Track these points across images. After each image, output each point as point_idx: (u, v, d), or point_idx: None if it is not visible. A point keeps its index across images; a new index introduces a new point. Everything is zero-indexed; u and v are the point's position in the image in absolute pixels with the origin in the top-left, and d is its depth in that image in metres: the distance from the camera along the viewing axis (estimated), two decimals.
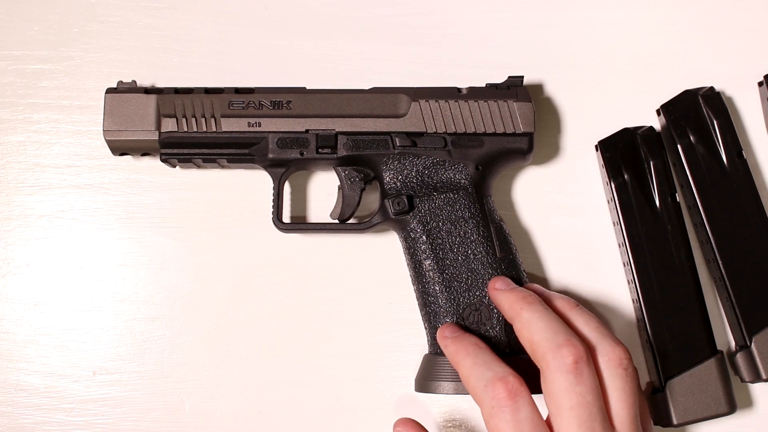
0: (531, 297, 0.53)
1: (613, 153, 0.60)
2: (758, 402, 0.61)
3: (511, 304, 0.53)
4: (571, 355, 0.49)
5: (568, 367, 0.48)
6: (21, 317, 0.63)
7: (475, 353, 0.52)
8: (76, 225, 0.64)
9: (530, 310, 0.52)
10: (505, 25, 0.66)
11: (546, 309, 0.52)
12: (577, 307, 0.54)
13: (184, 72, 0.65)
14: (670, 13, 0.65)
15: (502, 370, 0.50)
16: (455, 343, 0.54)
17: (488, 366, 0.51)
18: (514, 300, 0.53)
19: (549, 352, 0.49)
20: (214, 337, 0.63)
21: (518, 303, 0.53)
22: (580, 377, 0.48)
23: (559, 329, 0.50)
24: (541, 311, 0.52)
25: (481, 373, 0.50)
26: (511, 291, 0.54)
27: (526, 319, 0.52)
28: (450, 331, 0.55)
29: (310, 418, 0.62)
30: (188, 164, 0.62)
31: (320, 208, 0.64)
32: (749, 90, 0.64)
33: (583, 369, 0.49)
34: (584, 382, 0.48)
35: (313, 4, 0.66)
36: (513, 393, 0.49)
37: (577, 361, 0.49)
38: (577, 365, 0.49)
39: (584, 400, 0.48)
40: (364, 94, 0.60)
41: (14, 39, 0.66)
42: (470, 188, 0.59)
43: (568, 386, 0.48)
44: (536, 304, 0.52)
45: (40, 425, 0.63)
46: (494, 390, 0.49)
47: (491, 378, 0.50)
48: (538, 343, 0.50)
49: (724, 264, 0.58)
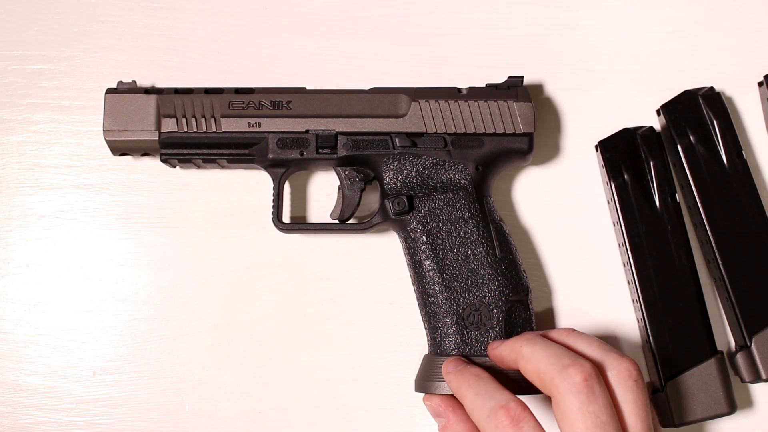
0: (528, 334, 0.53)
1: (613, 153, 0.60)
2: (758, 402, 0.61)
3: (511, 348, 0.52)
4: (579, 374, 0.47)
5: (578, 386, 0.47)
6: (21, 317, 0.63)
7: (477, 383, 0.52)
8: (76, 225, 0.64)
9: (530, 344, 0.51)
10: (505, 25, 0.66)
11: (545, 340, 0.52)
12: (574, 332, 0.54)
13: (184, 72, 0.65)
14: (670, 13, 0.65)
15: (504, 397, 0.49)
16: (457, 377, 0.53)
17: (490, 395, 0.50)
18: (512, 342, 0.53)
19: (556, 376, 0.48)
20: (214, 337, 0.63)
21: (517, 343, 0.52)
22: (592, 396, 0.47)
23: (562, 353, 0.49)
24: (541, 342, 0.51)
25: (483, 402, 0.50)
26: (510, 339, 0.54)
27: (528, 353, 0.51)
28: (453, 365, 0.55)
29: (310, 418, 0.62)
30: (188, 164, 0.62)
31: (320, 208, 0.64)
32: (749, 90, 0.64)
33: (594, 386, 0.47)
34: (597, 401, 0.47)
35: (313, 4, 0.66)
36: (516, 419, 0.48)
37: (586, 378, 0.47)
38: (587, 382, 0.47)
39: (599, 420, 0.47)
40: (364, 94, 0.60)
41: (14, 39, 0.66)
42: (470, 188, 0.59)
43: (581, 407, 0.47)
44: (534, 338, 0.52)
45: (40, 425, 0.63)
46: (497, 418, 0.48)
47: (493, 407, 0.49)
48: (544, 371, 0.49)
49: (724, 264, 0.58)
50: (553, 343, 0.51)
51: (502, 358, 0.54)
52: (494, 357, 0.55)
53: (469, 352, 0.56)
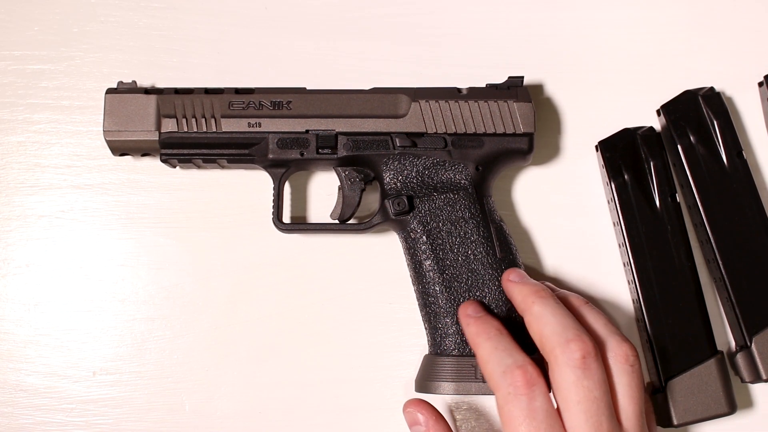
0: (544, 291, 0.53)
1: (613, 153, 0.60)
2: (758, 402, 0.61)
3: (524, 297, 0.53)
4: (579, 350, 0.49)
5: (576, 361, 0.49)
6: (21, 317, 0.63)
7: (497, 338, 0.52)
8: (76, 225, 0.64)
9: (542, 304, 0.52)
10: (505, 25, 0.66)
11: (557, 303, 0.52)
12: (586, 304, 0.55)
13: (184, 72, 0.65)
14: (670, 13, 0.65)
15: (522, 358, 0.50)
16: (477, 324, 0.54)
17: (508, 352, 0.51)
18: (527, 293, 0.53)
19: (557, 347, 0.50)
20: (214, 337, 0.63)
21: (531, 296, 0.53)
22: (587, 372, 0.49)
23: (569, 324, 0.51)
24: (553, 305, 0.52)
25: (500, 358, 0.51)
26: (525, 284, 0.54)
27: (537, 312, 0.52)
28: (473, 309, 0.55)
29: (310, 418, 0.62)
30: (188, 164, 0.62)
31: (320, 208, 0.64)
32: (749, 90, 0.64)
33: (591, 364, 0.49)
34: (592, 377, 0.49)
35: (313, 4, 0.66)
36: (530, 382, 0.49)
37: (585, 356, 0.49)
38: (585, 360, 0.49)
39: (591, 395, 0.48)
40: (364, 94, 0.60)
41: (14, 39, 0.66)
42: (470, 188, 0.59)
43: (575, 380, 0.49)
44: (548, 298, 0.53)
45: (40, 425, 0.63)
46: (512, 377, 0.49)
47: (510, 365, 0.50)
48: (547, 337, 0.50)
49: (724, 264, 0.58)
50: (563, 309, 0.52)
51: (512, 297, 0.55)
52: (505, 288, 0.56)
53: (469, 352, 0.56)
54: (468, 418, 0.62)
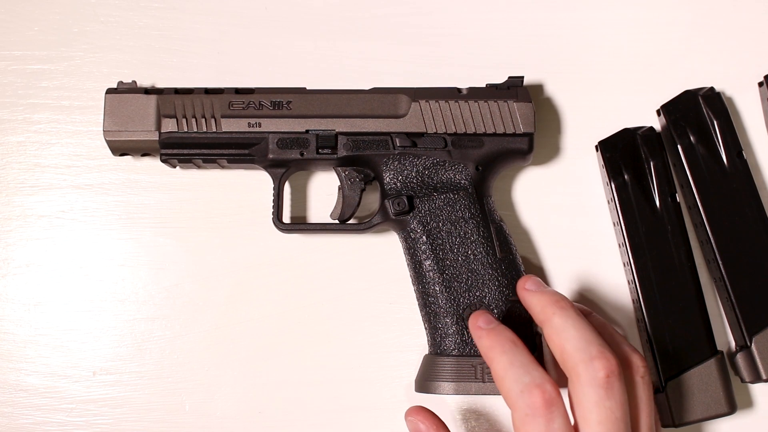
0: (563, 301, 0.51)
1: (613, 153, 0.60)
2: (758, 402, 0.61)
3: (543, 307, 0.51)
4: (603, 369, 0.47)
5: (599, 380, 0.47)
6: (21, 317, 0.63)
7: (513, 351, 0.50)
8: (76, 225, 0.64)
9: (562, 315, 0.50)
10: (505, 25, 0.66)
11: (578, 315, 0.50)
12: (591, 315, 0.54)
13: (184, 72, 0.65)
14: (670, 13, 0.65)
15: (540, 375, 0.48)
16: (491, 337, 0.51)
17: (526, 369, 0.48)
18: (546, 303, 0.51)
19: (581, 363, 0.48)
20: (214, 337, 0.63)
21: (550, 307, 0.50)
22: (610, 392, 0.47)
23: (592, 339, 0.48)
24: (574, 317, 0.50)
25: (518, 375, 0.48)
26: (543, 293, 0.52)
27: (558, 325, 0.49)
28: (484, 320, 0.53)
29: (310, 418, 0.62)
30: (188, 164, 0.62)
31: (320, 208, 0.64)
32: (749, 90, 0.64)
33: (615, 383, 0.47)
34: (614, 397, 0.47)
35: (313, 4, 0.66)
36: (549, 403, 0.47)
37: (609, 375, 0.47)
38: (608, 379, 0.47)
39: (613, 416, 0.47)
40: (364, 94, 0.60)
41: (14, 39, 0.66)
42: (470, 188, 0.59)
43: (598, 400, 0.47)
44: (568, 309, 0.50)
45: (40, 425, 0.63)
46: (531, 397, 0.47)
47: (528, 383, 0.48)
48: (569, 353, 0.48)
49: (724, 264, 0.58)
50: (584, 321, 0.50)
51: (529, 307, 0.52)
52: (522, 297, 0.53)
53: (469, 352, 0.56)
54: (468, 418, 0.62)
